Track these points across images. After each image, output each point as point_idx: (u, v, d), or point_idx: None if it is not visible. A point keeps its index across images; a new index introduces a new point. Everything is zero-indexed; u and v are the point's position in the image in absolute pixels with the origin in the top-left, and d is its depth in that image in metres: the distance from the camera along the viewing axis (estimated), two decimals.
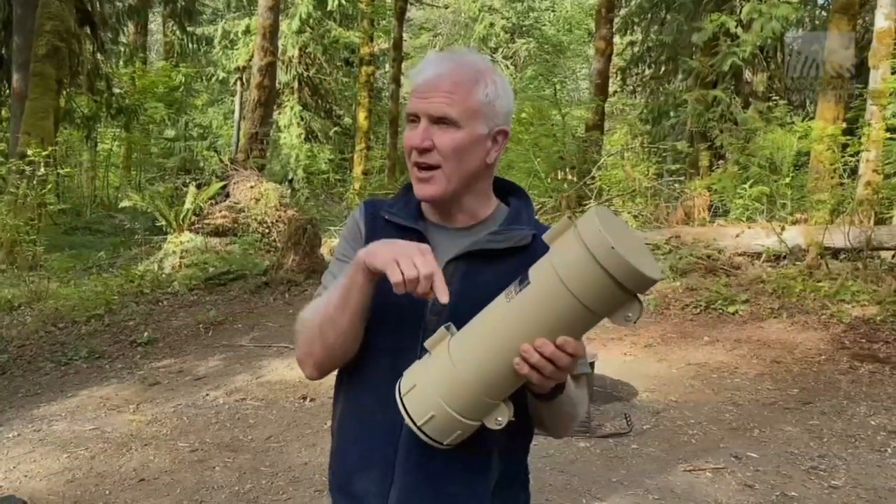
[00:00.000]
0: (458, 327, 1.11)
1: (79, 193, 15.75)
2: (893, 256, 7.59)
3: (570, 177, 12.34)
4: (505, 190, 1.35)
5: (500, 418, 1.08)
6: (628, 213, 10.18)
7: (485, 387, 1.05)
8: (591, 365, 4.25)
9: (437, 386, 1.06)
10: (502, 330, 1.04)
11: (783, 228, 7.78)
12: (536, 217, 1.35)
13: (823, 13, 13.60)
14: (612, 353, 5.83)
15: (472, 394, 1.05)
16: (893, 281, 6.75)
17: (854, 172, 8.73)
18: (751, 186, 8.92)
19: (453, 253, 1.23)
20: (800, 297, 6.80)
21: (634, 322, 1.01)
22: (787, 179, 8.79)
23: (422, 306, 1.21)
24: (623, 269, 0.94)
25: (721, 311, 6.81)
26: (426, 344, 1.10)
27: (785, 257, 7.77)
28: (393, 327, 1.23)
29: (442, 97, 1.20)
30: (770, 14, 10.89)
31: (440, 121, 1.20)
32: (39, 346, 6.17)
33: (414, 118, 1.23)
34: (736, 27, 11.20)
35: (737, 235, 8.01)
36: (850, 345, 5.83)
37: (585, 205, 10.92)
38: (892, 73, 8.79)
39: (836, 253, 7.64)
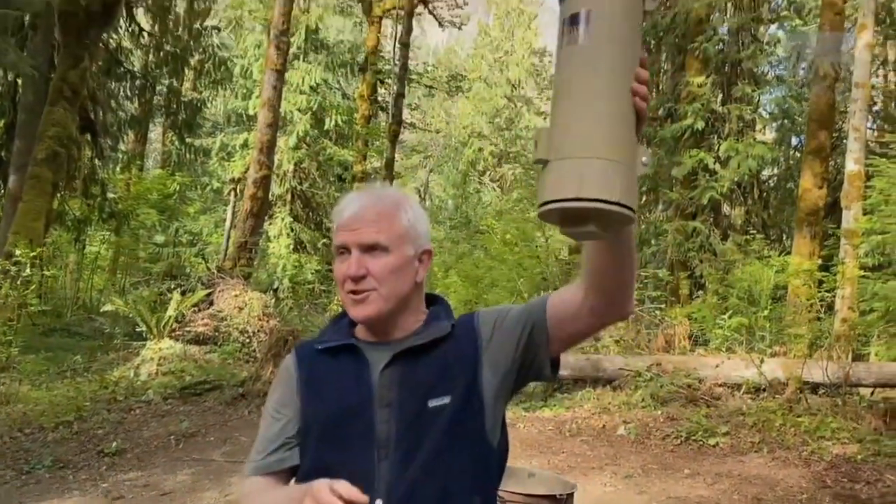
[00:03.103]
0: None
1: (61, 294, 15.66)
2: (872, 394, 7.62)
3: None
4: (429, 301, 1.45)
5: (644, 158, 1.04)
6: (610, 336, 10.22)
7: (629, 126, 1.02)
8: (570, 496, 4.17)
9: (602, 154, 0.99)
10: (612, 65, 1.01)
11: (762, 361, 7.83)
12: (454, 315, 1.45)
13: (797, 153, 14.26)
14: (593, 484, 5.71)
15: (628, 139, 1.02)
16: (873, 419, 6.75)
17: (831, 308, 8.90)
18: (730, 317, 9.04)
19: (385, 362, 1.31)
20: (780, 432, 6.76)
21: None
22: (766, 312, 8.94)
23: (370, 414, 1.28)
24: None
25: (702, 442, 6.74)
26: (537, 158, 1.04)
27: (765, 390, 7.77)
28: (344, 444, 1.29)
29: (370, 227, 1.30)
30: (746, 153, 11.43)
31: (371, 248, 1.29)
32: (2, 453, 5.97)
33: (343, 250, 1.31)
34: (714, 163, 11.70)
35: (717, 366, 8.04)
36: (831, 484, 5.76)
37: None
38: (864, 214, 9.15)
39: (815, 387, 7.66)
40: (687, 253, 11.57)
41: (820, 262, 9.53)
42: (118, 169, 17.69)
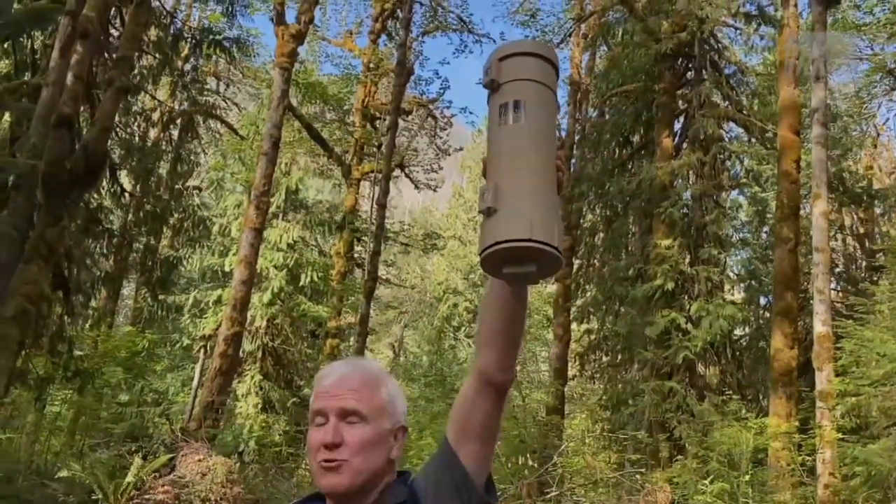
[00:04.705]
0: None
1: (15, 457, 14.86)
2: None
3: (530, 462, 12.10)
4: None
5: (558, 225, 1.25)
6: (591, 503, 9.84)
7: (555, 190, 1.23)
8: None
9: (545, 207, 1.18)
10: (545, 140, 1.24)
11: None
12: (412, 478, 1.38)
13: (766, 313, 14.53)
14: None
15: (557, 200, 1.23)
16: None
17: (812, 472, 8.69)
18: (711, 482, 8.77)
19: None
20: None
21: None
22: (747, 477, 8.70)
23: None
24: (549, 50, 1.30)
25: None
26: (485, 207, 1.17)
27: None
28: None
29: (351, 394, 1.30)
30: (717, 313, 11.62)
31: (350, 416, 1.28)
32: None
33: (321, 417, 1.29)
34: (686, 323, 11.84)
35: None
36: None
37: (547, 493, 10.55)
38: (837, 375, 9.16)
39: None
40: (665, 414, 11.42)
41: (797, 423, 9.42)
42: (87, 326, 17.41)
